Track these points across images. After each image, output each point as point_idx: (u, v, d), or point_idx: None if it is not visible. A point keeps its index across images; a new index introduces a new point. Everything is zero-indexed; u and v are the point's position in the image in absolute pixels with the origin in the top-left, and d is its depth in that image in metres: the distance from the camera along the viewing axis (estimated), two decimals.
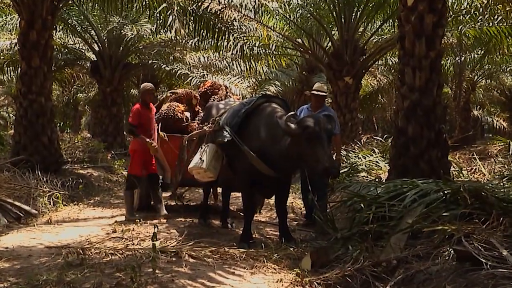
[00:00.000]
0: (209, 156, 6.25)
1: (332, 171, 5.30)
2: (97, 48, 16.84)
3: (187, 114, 8.30)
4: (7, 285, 4.31)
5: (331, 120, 5.83)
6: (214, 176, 6.42)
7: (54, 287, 4.20)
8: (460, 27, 13.13)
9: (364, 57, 14.35)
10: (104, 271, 4.71)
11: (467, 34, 13.63)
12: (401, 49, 7.79)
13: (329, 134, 5.49)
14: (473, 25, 12.95)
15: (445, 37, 11.13)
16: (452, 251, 4.09)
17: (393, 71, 18.27)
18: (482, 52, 16.52)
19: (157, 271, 4.67)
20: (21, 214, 7.37)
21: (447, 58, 17.33)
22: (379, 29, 15.17)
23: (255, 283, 4.67)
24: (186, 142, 7.39)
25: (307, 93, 7.57)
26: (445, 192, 5.16)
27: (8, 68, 16.50)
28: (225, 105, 6.92)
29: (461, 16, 12.66)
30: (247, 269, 5.02)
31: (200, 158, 6.24)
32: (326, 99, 8.06)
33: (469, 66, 20.18)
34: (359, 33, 14.61)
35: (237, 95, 10.89)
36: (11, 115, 33.05)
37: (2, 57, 15.94)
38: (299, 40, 15.91)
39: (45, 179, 9.12)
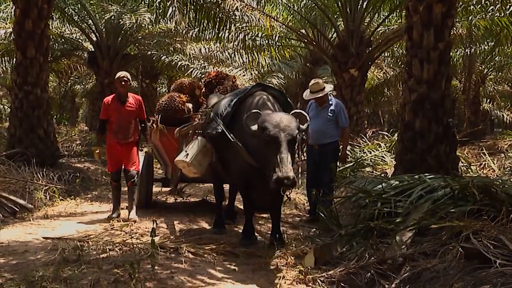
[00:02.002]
0: (196, 150, 5.81)
1: (285, 183, 4.60)
2: (94, 38, 16.61)
3: (189, 105, 7.91)
4: (2, 281, 4.21)
5: (296, 119, 5.06)
6: (198, 171, 5.97)
7: (51, 283, 4.10)
8: (470, 18, 12.91)
9: (370, 48, 14.18)
10: (101, 267, 4.60)
11: (477, 25, 13.39)
12: (408, 40, 7.64)
13: (291, 137, 4.81)
14: (483, 15, 12.72)
15: (455, 28, 10.97)
16: (460, 249, 4.00)
17: (400, 63, 18.07)
18: (493, 43, 16.25)
19: (156, 267, 4.58)
20: (17, 209, 7.22)
21: (456, 50, 17.08)
22: (386, 20, 14.92)
23: (257, 280, 4.55)
24: (178, 135, 6.93)
25: (307, 98, 7.26)
26: (453, 188, 5.05)
27: (3, 59, 16.21)
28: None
29: (471, 6, 12.40)
30: (248, 266, 4.90)
31: (185, 151, 5.83)
32: (331, 91, 7.84)
33: (479, 58, 19.91)
34: (365, 23, 14.42)
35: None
36: (6, 107, 32.99)
37: None
38: (303, 31, 15.74)
39: (41, 172, 8.98)
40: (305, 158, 7.34)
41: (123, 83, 7.00)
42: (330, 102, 7.04)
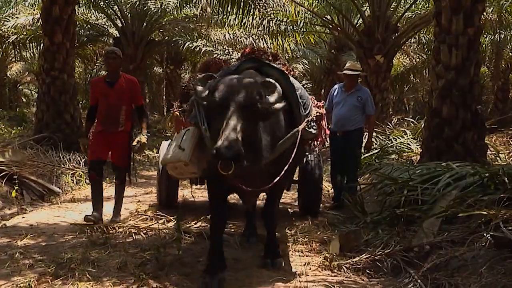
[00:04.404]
0: (190, 143, 4.22)
1: (223, 154, 3.41)
2: (120, 24, 16.66)
3: None
4: (33, 261, 4.31)
5: (264, 87, 3.91)
6: (197, 171, 4.43)
7: (79, 265, 4.16)
8: (501, 2, 12.57)
9: (396, 34, 13.94)
10: (128, 251, 4.68)
11: (508, 10, 13.03)
12: (436, 25, 7.52)
13: (245, 103, 3.67)
14: None
15: (485, 13, 10.67)
16: (489, 237, 3.96)
17: (426, 49, 17.75)
18: None
19: (181, 251, 4.60)
20: (45, 192, 7.39)
21: (485, 36, 16.68)
22: (413, 5, 14.66)
23: (282, 265, 4.54)
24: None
25: (340, 73, 7.26)
26: (482, 175, 4.97)
27: (31, 44, 16.41)
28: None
29: None
30: None
31: (180, 147, 4.21)
32: (362, 75, 7.76)
33: (509, 45, 19.42)
34: (392, 9, 14.15)
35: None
36: (33, 93, 33.45)
37: (24, 33, 15.93)
38: (328, 17, 15.55)
39: (68, 157, 9.10)
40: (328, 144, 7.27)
41: (110, 60, 5.77)
42: (357, 88, 6.96)
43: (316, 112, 4.89)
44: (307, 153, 6.13)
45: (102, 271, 4.11)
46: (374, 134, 10.59)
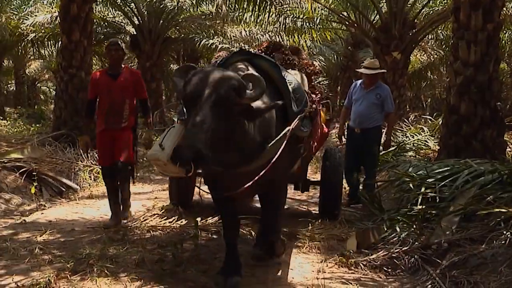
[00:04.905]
0: (171, 141, 3.77)
1: (178, 156, 3.10)
2: (136, 22, 16.80)
3: None
4: (52, 257, 4.36)
5: (229, 81, 3.32)
6: (179, 171, 3.74)
7: (97, 261, 4.20)
8: None
9: (413, 30, 13.80)
10: (145, 247, 4.70)
11: None
12: (455, 21, 7.43)
13: (218, 97, 3.21)
14: None
15: (505, 8, 10.51)
16: (509, 235, 3.90)
17: (444, 45, 17.56)
18: None
19: (198, 248, 4.61)
20: (63, 189, 7.48)
21: (504, 31, 16.44)
22: (431, 1, 14.51)
23: (299, 263, 4.56)
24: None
25: (359, 71, 7.18)
26: (502, 173, 4.90)
27: (49, 42, 16.69)
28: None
29: None
30: (290, 249, 4.89)
31: (160, 145, 3.80)
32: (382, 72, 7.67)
33: None
34: (409, 5, 14.03)
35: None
36: (51, 90, 33.74)
37: (43, 31, 16.12)
38: (345, 13, 15.47)
39: (85, 154, 9.15)
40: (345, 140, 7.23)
41: (113, 52, 5.54)
42: (376, 85, 6.89)
43: (310, 108, 4.43)
44: (330, 153, 6.11)
45: (120, 267, 4.15)
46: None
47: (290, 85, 4.07)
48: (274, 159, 3.60)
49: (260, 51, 5.86)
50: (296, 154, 4.51)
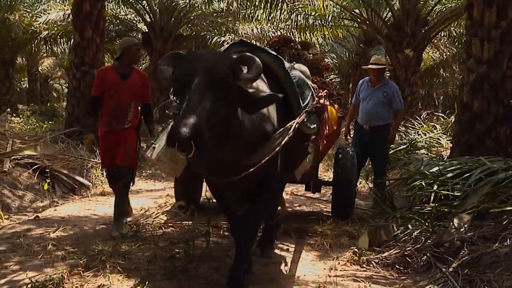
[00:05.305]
0: (162, 140, 3.70)
1: (177, 134, 2.68)
2: (148, 19, 16.84)
3: None
4: (65, 253, 4.39)
5: (224, 61, 3.09)
6: (172, 171, 4.12)
7: (109, 257, 4.23)
8: None
9: (426, 28, 13.70)
10: (158, 244, 4.73)
11: None
12: (468, 18, 7.36)
13: (212, 78, 2.92)
14: None
15: None
16: None
17: (457, 43, 17.42)
18: None
19: (210, 245, 4.63)
20: (76, 186, 7.57)
21: None
22: None
23: (311, 260, 4.56)
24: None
25: (365, 67, 7.15)
26: None
27: (61, 40, 16.80)
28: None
29: None
30: (302, 246, 4.89)
31: (152, 143, 3.82)
32: (386, 73, 7.63)
33: None
34: (422, 2, 13.93)
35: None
36: (64, 87, 33.93)
37: (55, 29, 16.22)
38: (357, 11, 15.42)
39: (97, 151, 9.18)
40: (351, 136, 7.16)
41: (136, 52, 5.27)
42: (383, 83, 6.84)
43: (316, 103, 4.18)
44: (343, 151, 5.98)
45: (132, 263, 4.17)
46: (403, 128, 10.49)
47: (294, 79, 3.91)
48: (273, 153, 3.36)
49: (269, 46, 5.87)
50: (303, 153, 4.30)
